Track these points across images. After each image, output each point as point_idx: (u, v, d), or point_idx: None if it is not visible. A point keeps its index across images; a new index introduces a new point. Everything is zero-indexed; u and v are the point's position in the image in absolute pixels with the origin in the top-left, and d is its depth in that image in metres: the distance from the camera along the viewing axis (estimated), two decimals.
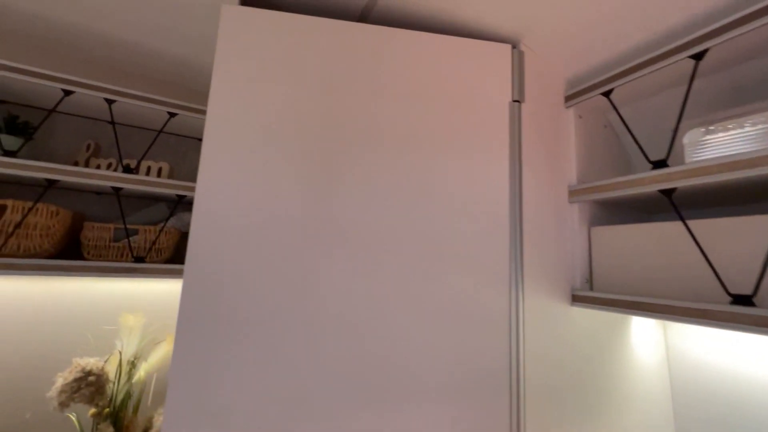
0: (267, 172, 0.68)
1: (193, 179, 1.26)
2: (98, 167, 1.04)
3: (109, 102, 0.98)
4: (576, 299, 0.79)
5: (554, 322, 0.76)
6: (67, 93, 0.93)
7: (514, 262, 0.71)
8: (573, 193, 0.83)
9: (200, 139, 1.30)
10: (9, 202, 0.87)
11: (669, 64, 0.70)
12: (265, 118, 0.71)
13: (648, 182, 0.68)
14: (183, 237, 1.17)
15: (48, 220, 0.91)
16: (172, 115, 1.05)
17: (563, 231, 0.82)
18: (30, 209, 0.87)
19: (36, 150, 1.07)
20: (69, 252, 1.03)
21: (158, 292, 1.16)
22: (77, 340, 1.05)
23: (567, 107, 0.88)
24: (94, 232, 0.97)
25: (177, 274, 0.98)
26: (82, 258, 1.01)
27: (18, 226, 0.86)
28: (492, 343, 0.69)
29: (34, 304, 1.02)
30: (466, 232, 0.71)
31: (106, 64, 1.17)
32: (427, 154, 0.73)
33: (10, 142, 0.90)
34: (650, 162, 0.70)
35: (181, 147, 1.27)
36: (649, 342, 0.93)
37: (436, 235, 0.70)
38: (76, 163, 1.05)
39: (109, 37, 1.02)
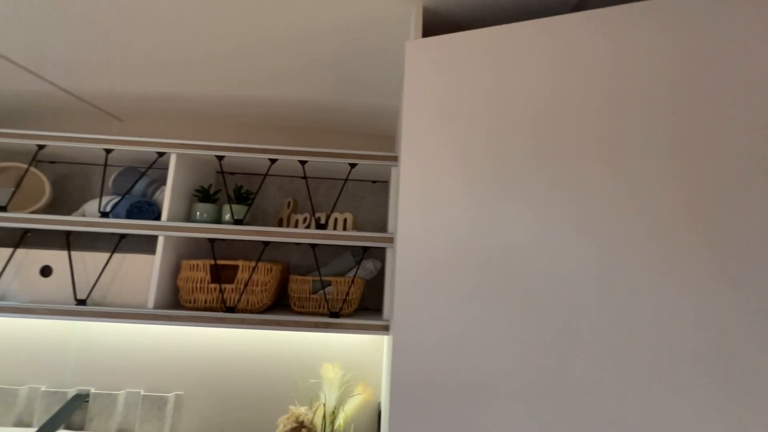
0: (476, 214, 0.53)
1: (373, 225, 1.27)
2: (296, 223, 1.13)
3: (302, 162, 1.04)
4: None
5: None
6: (273, 161, 1.04)
7: None
8: None
9: (374, 182, 1.30)
10: (240, 263, 1.01)
11: None
12: (464, 151, 0.57)
13: None
14: (366, 285, 1.16)
15: (265, 276, 1.02)
16: (353, 165, 1.05)
17: None
18: (254, 268, 0.99)
19: (253, 209, 1.26)
20: (281, 300, 1.15)
21: (349, 340, 1.18)
22: (286, 385, 1.15)
23: None
24: (297, 285, 1.04)
25: (369, 329, 0.95)
26: (290, 307, 1.10)
27: (247, 284, 0.98)
28: None
29: (257, 350, 1.18)
30: None
31: (300, 126, 1.31)
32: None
33: (238, 210, 1.05)
34: None
35: (359, 191, 1.29)
36: None
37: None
38: (280, 221, 1.18)
39: (304, 102, 1.12)
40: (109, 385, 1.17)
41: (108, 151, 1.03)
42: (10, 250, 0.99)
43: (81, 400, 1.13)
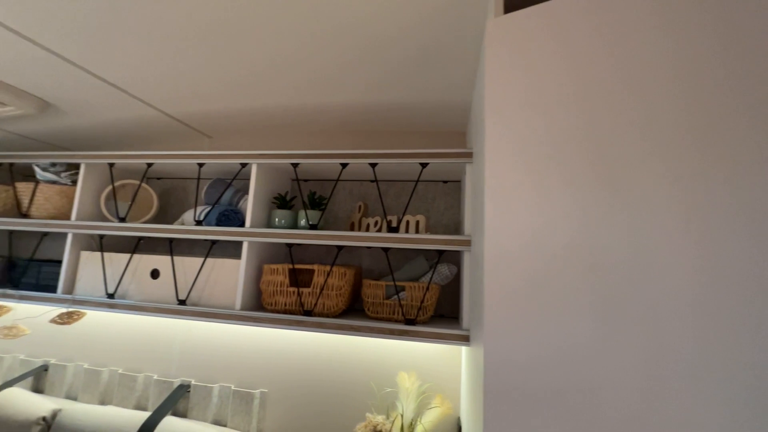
0: (574, 212, 0.45)
1: (446, 227, 1.20)
2: (368, 226, 1.12)
3: (373, 165, 1.03)
4: None
5: None
6: (344, 165, 1.04)
7: None
8: None
9: (446, 182, 1.23)
10: (315, 267, 1.03)
11: None
12: (556, 140, 0.48)
13: None
14: (441, 291, 1.10)
15: (339, 280, 1.02)
16: (423, 165, 1.00)
17: None
18: (329, 272, 1.00)
19: (326, 214, 1.28)
20: (354, 305, 1.15)
21: (425, 349, 1.13)
22: (362, 390, 1.14)
23: None
24: (371, 289, 1.02)
25: (448, 339, 0.89)
26: (364, 312, 1.09)
27: (323, 287, 1.00)
28: None
29: (334, 353, 1.19)
30: None
31: (367, 130, 1.31)
32: None
33: (313, 215, 1.08)
34: None
35: (429, 192, 1.24)
36: None
37: None
38: (351, 225, 1.18)
39: (371, 104, 1.11)
40: (206, 378, 1.28)
41: (200, 164, 1.14)
42: (128, 256, 1.14)
43: (184, 390, 1.25)
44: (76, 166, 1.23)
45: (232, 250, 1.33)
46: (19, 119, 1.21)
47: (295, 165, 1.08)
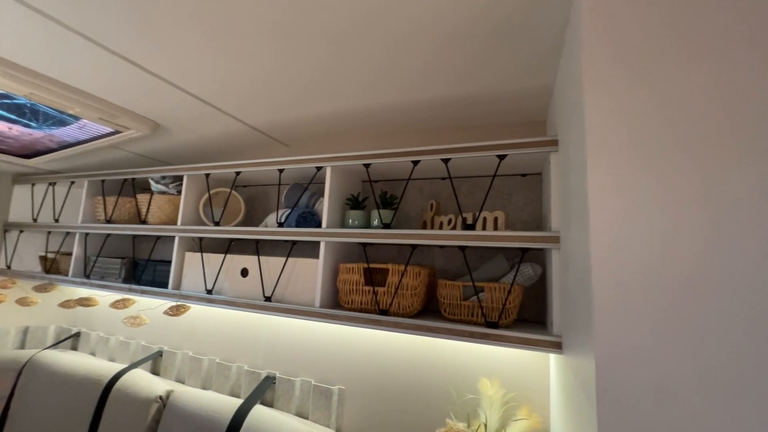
0: (704, 198, 0.36)
1: (525, 224, 1.10)
2: (441, 224, 1.09)
3: (445, 161, 0.99)
4: None
5: None
6: (415, 163, 1.02)
7: None
8: None
9: (524, 175, 1.14)
10: (390, 266, 1.02)
11: None
12: (679, 109, 0.40)
13: None
14: (524, 293, 1.02)
15: (414, 280, 1.00)
16: (501, 157, 0.94)
17: None
18: (403, 271, 0.99)
19: (397, 214, 1.28)
20: (429, 306, 1.12)
21: (507, 355, 1.05)
22: (440, 393, 1.10)
23: None
24: (446, 290, 0.98)
25: (536, 345, 0.81)
26: (439, 314, 1.05)
27: (398, 287, 0.99)
28: None
29: (410, 354, 1.17)
30: None
31: (437, 127, 1.28)
32: None
33: (385, 215, 1.08)
34: None
35: (505, 187, 1.16)
36: None
37: None
38: (424, 223, 1.15)
39: (442, 99, 1.08)
40: (289, 371, 1.35)
41: (280, 170, 1.22)
42: (222, 256, 1.26)
43: (270, 381, 1.34)
44: (180, 178, 1.41)
45: (309, 250, 1.40)
46: (137, 140, 1.43)
47: (366, 165, 1.09)
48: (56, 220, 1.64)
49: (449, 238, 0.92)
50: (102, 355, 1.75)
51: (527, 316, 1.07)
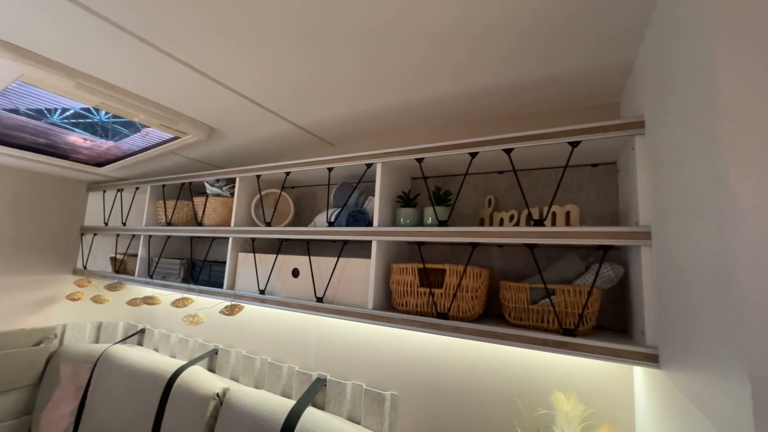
0: None
1: (598, 219, 0.98)
2: (501, 221, 1.00)
3: (508, 152, 0.91)
4: None
5: None
6: (473, 155, 0.95)
7: None
8: None
9: (595, 165, 1.03)
10: (447, 266, 0.96)
11: None
12: None
13: None
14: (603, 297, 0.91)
15: (474, 281, 0.93)
16: (574, 144, 0.84)
17: None
18: (463, 272, 0.92)
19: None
20: (489, 309, 1.04)
21: (582, 366, 0.94)
22: (504, 405, 1.01)
23: None
24: (511, 293, 0.90)
25: (626, 357, 0.70)
26: (502, 318, 0.97)
27: (457, 288, 0.92)
28: None
29: (469, 361, 1.09)
30: None
31: (494, 118, 1.20)
32: None
33: (442, 212, 1.02)
34: None
35: (573, 180, 1.05)
36: None
37: None
38: (481, 221, 1.07)
39: (503, 86, 1.00)
40: (339, 374, 1.33)
41: (330, 169, 1.20)
42: (273, 256, 1.27)
43: (321, 383, 1.33)
44: (233, 180, 1.44)
45: (356, 250, 1.37)
46: (194, 145, 1.49)
47: (419, 160, 1.03)
48: (123, 224, 1.76)
49: (516, 236, 0.84)
50: (164, 350, 1.85)
51: (603, 322, 0.95)
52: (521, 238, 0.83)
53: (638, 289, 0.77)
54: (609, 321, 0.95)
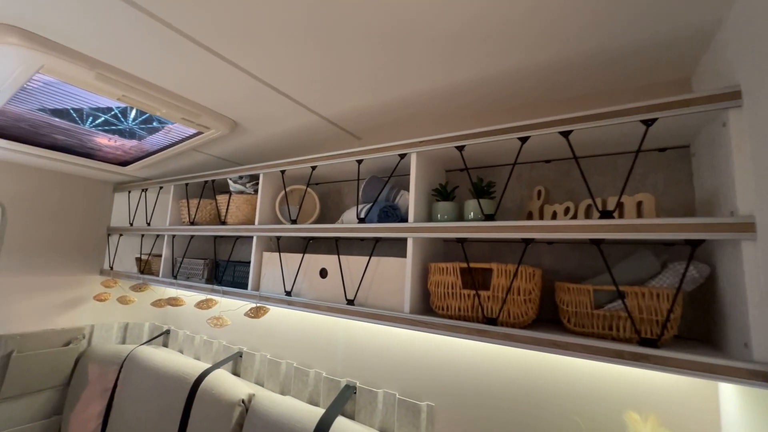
0: None
1: (668, 211, 0.84)
2: (554, 214, 0.89)
3: (565, 134, 0.79)
4: None
5: None
6: (523, 140, 0.85)
7: None
8: None
9: (663, 150, 0.90)
10: (494, 266, 0.85)
11: None
12: None
13: None
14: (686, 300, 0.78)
15: (526, 282, 0.82)
16: (648, 123, 0.72)
17: None
18: (515, 272, 0.81)
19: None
20: (543, 314, 0.92)
21: (658, 381, 0.82)
22: (562, 425, 0.90)
23: None
24: (570, 295, 0.79)
25: (722, 373, 0.58)
26: (559, 324, 0.86)
27: (508, 291, 0.81)
28: None
29: (519, 373, 0.98)
30: None
31: (530, 102, 1.08)
32: None
33: (486, 205, 0.91)
34: None
35: (638, 167, 0.92)
36: None
37: None
38: (529, 214, 0.96)
39: (550, 63, 0.89)
40: (369, 381, 1.24)
41: (359, 161, 1.11)
42: (300, 256, 1.20)
43: (350, 391, 1.24)
44: (257, 177, 1.38)
45: (387, 248, 1.28)
46: (216, 141, 1.44)
47: (460, 148, 0.93)
48: (148, 224, 1.74)
49: (580, 230, 0.73)
50: (188, 352, 1.82)
51: (682, 331, 0.82)
52: (587, 232, 0.72)
53: (734, 292, 0.64)
54: (685, 329, 0.82)
